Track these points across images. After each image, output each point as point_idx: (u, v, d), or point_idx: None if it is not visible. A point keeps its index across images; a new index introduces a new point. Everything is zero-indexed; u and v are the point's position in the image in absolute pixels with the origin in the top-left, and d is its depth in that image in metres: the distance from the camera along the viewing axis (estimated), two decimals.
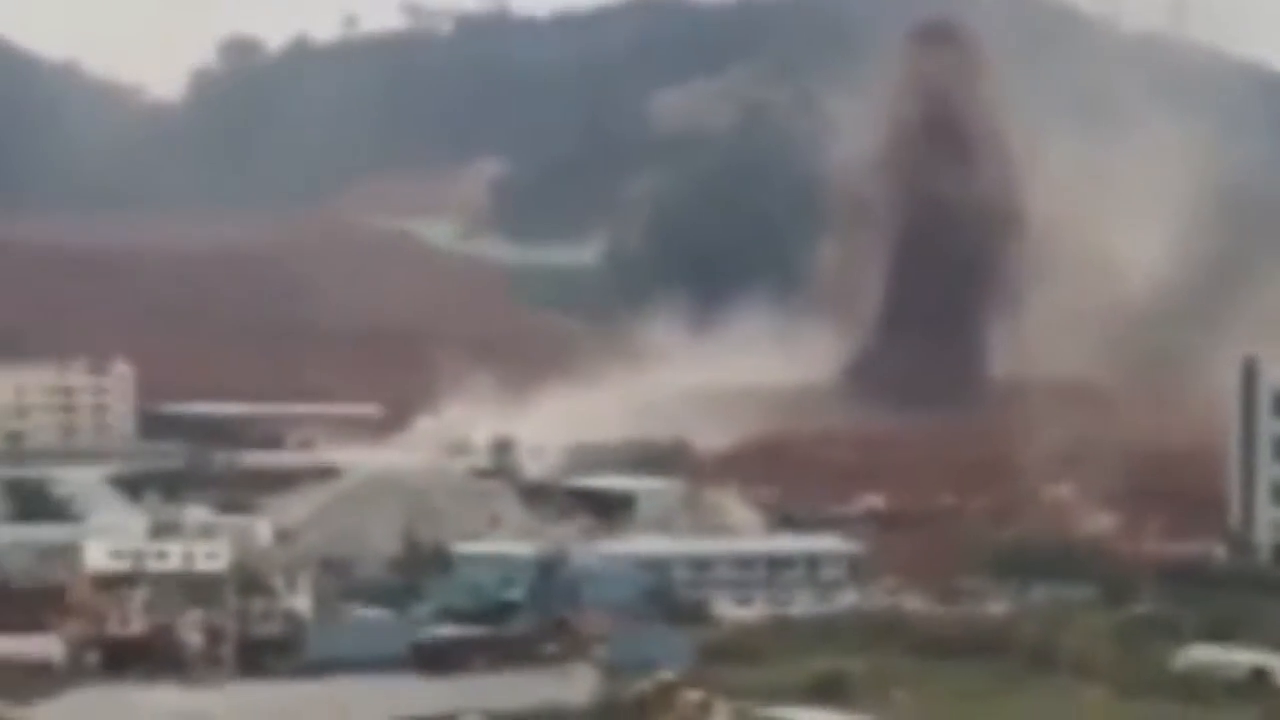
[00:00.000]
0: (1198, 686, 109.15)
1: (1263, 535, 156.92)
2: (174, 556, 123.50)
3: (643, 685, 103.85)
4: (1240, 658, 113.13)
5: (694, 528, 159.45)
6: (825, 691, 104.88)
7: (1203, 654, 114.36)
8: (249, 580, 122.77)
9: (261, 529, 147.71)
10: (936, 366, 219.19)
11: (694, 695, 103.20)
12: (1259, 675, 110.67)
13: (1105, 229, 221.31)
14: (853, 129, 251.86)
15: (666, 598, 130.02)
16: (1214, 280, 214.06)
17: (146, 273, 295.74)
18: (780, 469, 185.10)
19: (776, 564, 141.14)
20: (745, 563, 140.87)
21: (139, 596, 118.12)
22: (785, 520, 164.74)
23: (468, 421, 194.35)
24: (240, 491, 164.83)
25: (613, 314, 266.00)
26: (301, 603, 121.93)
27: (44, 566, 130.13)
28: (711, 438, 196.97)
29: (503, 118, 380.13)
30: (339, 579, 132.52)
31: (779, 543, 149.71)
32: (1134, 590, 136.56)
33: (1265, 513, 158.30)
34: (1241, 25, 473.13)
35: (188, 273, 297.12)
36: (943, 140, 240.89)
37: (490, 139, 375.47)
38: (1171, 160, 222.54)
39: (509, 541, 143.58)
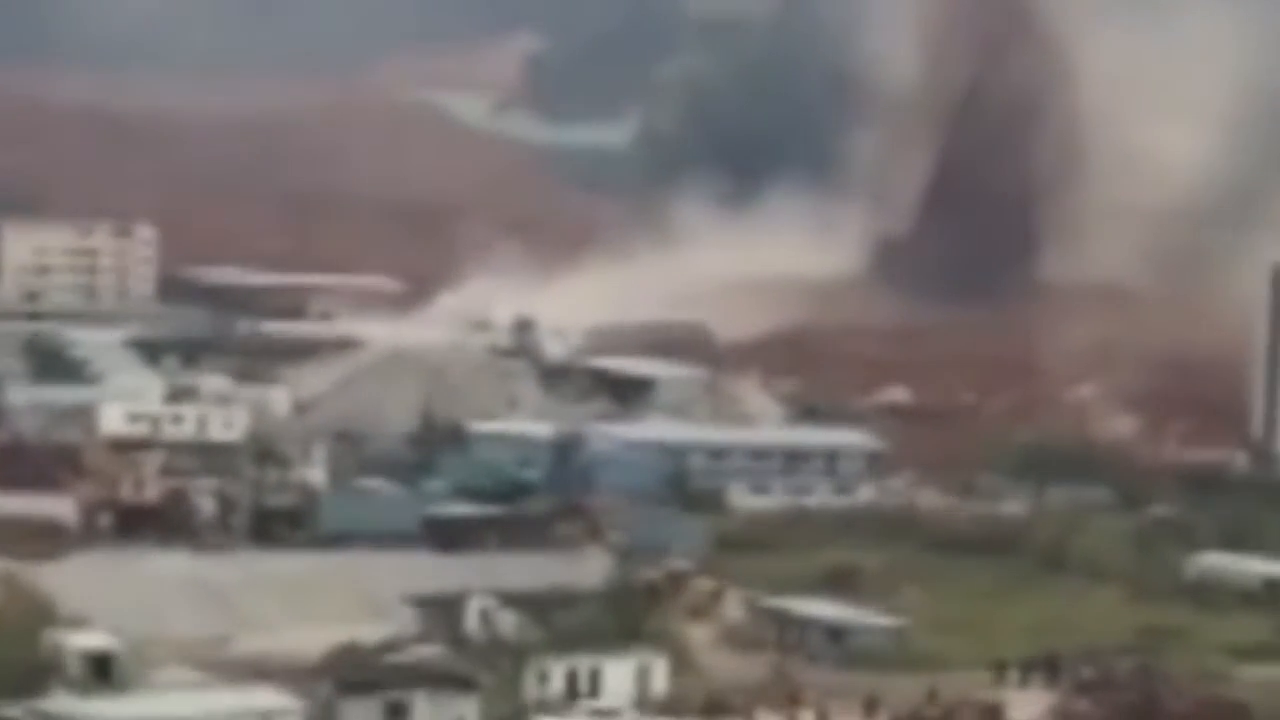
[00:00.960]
0: (1210, 594, 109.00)
1: None
2: (189, 422, 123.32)
3: (654, 573, 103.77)
4: (1254, 568, 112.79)
5: (713, 416, 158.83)
6: (837, 584, 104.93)
7: (1216, 562, 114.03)
8: (264, 450, 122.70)
9: (278, 399, 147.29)
10: (969, 261, 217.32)
11: (705, 584, 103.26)
12: (1271, 586, 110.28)
13: (1143, 125, 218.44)
14: (891, 16, 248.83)
15: (682, 485, 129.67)
16: (1252, 185, 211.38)
17: (173, 135, 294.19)
18: (804, 360, 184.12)
19: (794, 456, 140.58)
20: (762, 453, 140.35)
21: (154, 461, 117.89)
22: (807, 412, 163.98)
23: (490, 298, 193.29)
24: (259, 361, 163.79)
25: (643, 196, 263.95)
26: (315, 475, 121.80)
27: (59, 427, 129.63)
28: (737, 325, 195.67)
29: None
30: (354, 452, 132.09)
31: (797, 434, 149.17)
32: (1151, 495, 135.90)
33: None
34: None
35: (214, 137, 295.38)
36: (981, 29, 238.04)
37: (527, 14, 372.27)
38: (1216, 58, 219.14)
39: (526, 422, 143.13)
